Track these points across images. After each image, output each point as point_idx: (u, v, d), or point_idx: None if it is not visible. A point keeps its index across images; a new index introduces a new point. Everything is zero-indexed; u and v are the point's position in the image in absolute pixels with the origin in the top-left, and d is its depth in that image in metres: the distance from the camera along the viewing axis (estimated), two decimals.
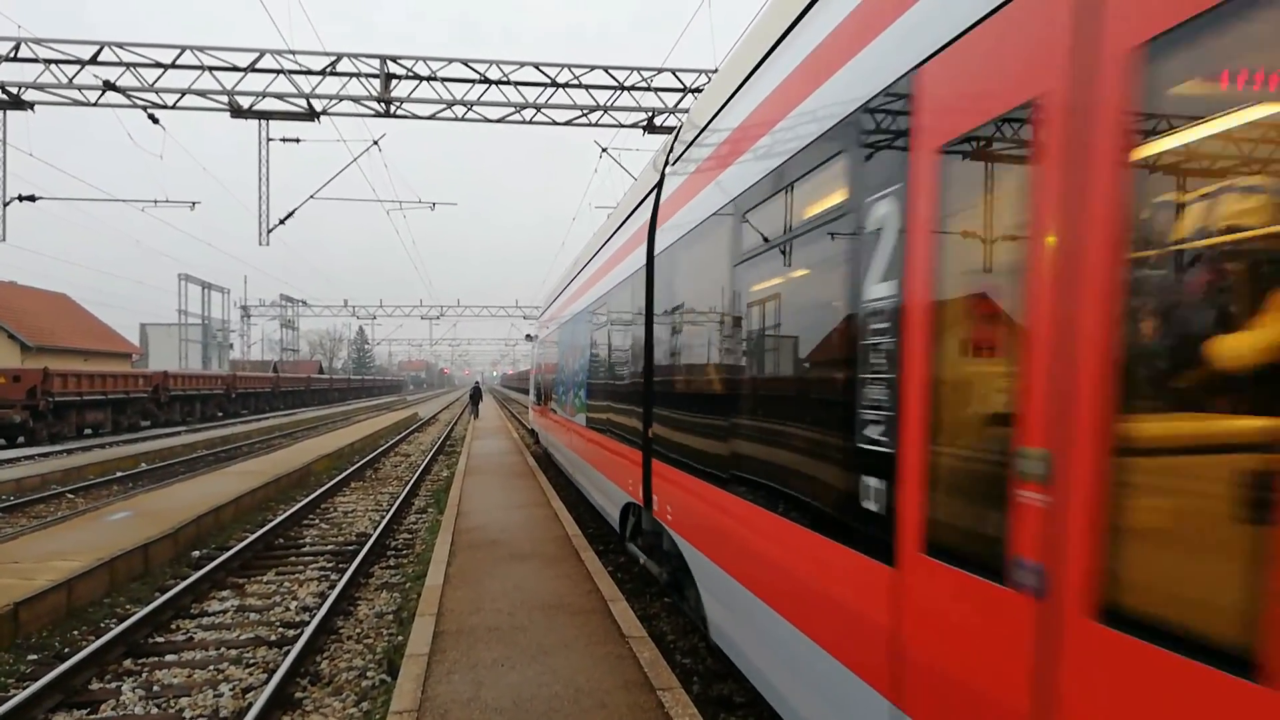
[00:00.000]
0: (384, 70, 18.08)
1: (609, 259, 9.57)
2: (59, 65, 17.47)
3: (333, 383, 76.49)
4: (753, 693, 4.80)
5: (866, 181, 2.90)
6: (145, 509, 12.30)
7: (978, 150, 2.35)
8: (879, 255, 2.78)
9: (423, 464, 20.55)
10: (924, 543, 2.50)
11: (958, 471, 2.40)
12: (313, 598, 8.82)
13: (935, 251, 2.46)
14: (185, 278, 60.43)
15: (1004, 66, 2.20)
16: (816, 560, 3.30)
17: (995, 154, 2.30)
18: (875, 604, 2.79)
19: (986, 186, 2.33)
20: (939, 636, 2.46)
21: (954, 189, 2.41)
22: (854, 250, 2.97)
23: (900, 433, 2.61)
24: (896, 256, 2.68)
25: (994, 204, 2.29)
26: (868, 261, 2.86)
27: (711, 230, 5.04)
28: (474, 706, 4.86)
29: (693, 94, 18.53)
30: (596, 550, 9.60)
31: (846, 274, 3.05)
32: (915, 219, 2.56)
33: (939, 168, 2.46)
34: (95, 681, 6.42)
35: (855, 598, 2.94)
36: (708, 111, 5.53)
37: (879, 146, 2.85)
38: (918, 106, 2.59)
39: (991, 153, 2.31)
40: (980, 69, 2.30)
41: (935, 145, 2.48)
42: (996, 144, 2.28)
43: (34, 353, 39.10)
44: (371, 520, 13.38)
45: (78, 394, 27.80)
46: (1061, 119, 1.96)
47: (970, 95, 2.33)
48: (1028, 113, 2.09)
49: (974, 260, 2.35)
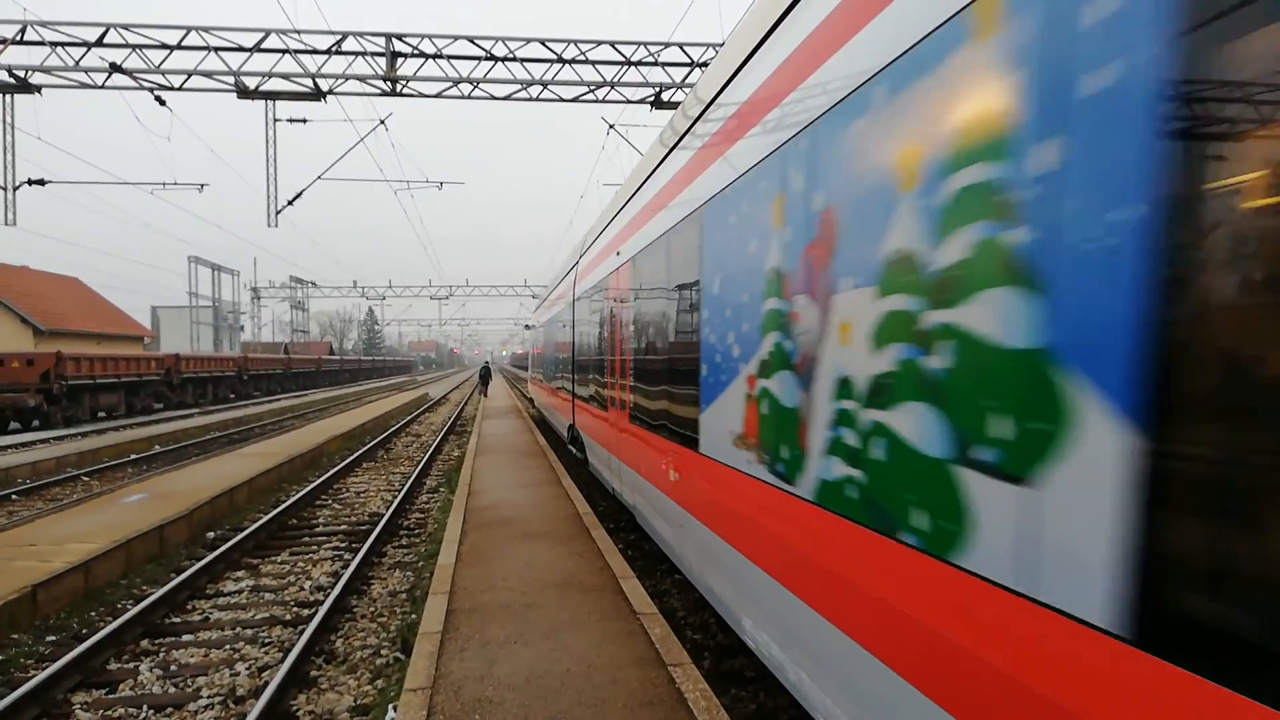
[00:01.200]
0: (389, 49, 17.96)
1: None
2: (65, 48, 17.43)
3: (343, 364, 76.77)
4: (763, 668, 4.81)
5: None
6: (160, 491, 12.41)
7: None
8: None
9: (434, 444, 20.64)
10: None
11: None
12: (326, 577, 8.89)
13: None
14: (195, 260, 60.55)
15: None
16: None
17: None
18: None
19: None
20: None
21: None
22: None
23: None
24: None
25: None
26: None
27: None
28: (487, 683, 4.90)
29: (700, 68, 18.34)
30: (607, 528, 9.63)
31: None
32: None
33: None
34: (113, 662, 6.50)
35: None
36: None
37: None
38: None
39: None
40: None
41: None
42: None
43: (46, 337, 39.35)
44: (384, 500, 13.46)
45: (91, 377, 27.98)
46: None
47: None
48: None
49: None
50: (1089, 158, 1.90)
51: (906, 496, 2.67)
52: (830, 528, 3.26)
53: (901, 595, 2.71)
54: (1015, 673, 2.14)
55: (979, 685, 2.30)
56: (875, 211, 2.87)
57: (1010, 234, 2.15)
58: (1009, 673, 2.17)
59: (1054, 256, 1.99)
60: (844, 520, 3.12)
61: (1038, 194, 2.05)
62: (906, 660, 2.69)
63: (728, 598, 4.90)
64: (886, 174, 2.79)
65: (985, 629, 2.28)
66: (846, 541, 3.12)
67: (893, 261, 2.70)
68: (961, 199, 2.36)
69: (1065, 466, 1.94)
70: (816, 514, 3.40)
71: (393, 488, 14.74)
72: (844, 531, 3.13)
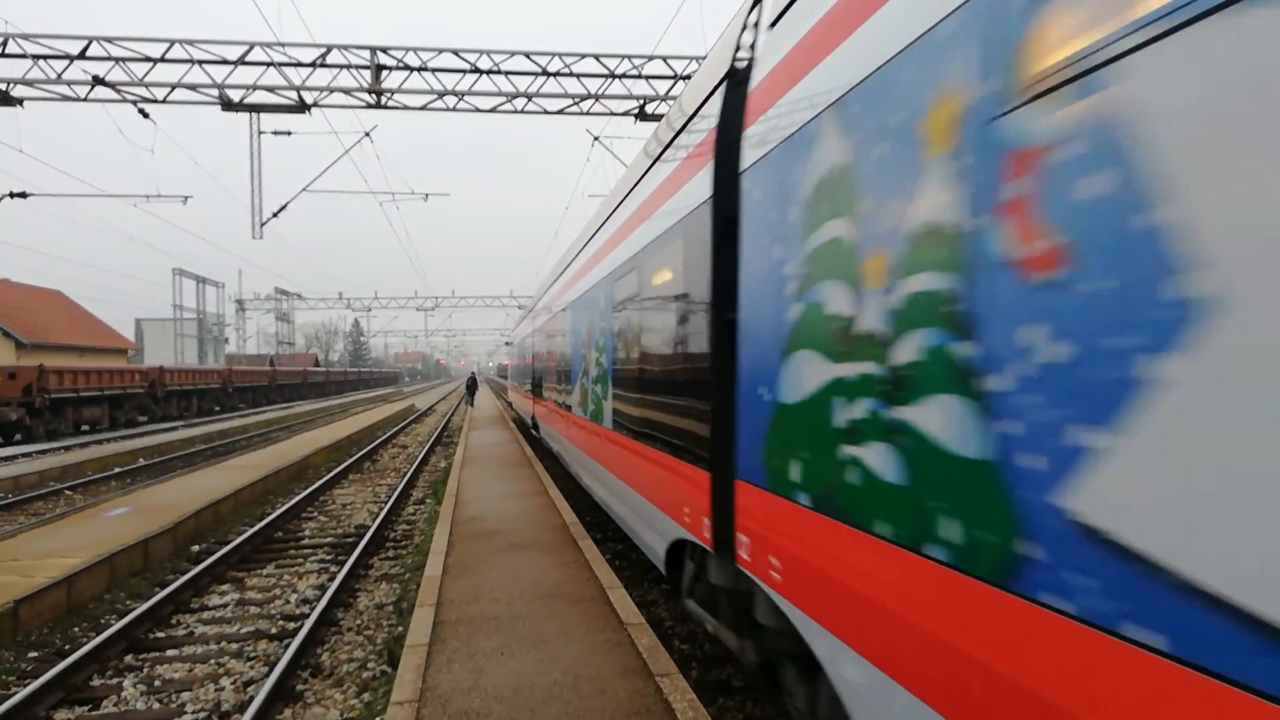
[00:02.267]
0: (374, 61, 17.98)
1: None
2: (47, 60, 17.35)
3: (329, 375, 76.35)
4: (751, 677, 4.83)
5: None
6: (144, 504, 12.31)
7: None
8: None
9: (420, 455, 20.58)
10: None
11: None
12: (312, 590, 8.85)
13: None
14: (179, 272, 60.13)
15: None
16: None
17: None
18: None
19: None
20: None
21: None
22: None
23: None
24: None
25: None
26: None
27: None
28: (474, 695, 4.90)
29: (683, 80, 18.47)
30: (594, 539, 9.63)
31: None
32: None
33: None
34: (96, 678, 6.44)
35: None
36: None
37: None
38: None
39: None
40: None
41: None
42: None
43: (30, 350, 39.01)
44: (370, 512, 13.41)
45: (74, 390, 27.75)
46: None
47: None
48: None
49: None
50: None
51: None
52: (606, 436, 8.36)
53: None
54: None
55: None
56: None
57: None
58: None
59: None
60: (601, 427, 8.60)
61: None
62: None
63: (582, 468, 10.70)
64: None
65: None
66: (609, 438, 8.11)
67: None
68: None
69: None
70: (609, 434, 8.09)
71: (379, 499, 14.69)
72: (606, 433, 8.31)
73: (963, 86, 2.18)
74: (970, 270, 2.13)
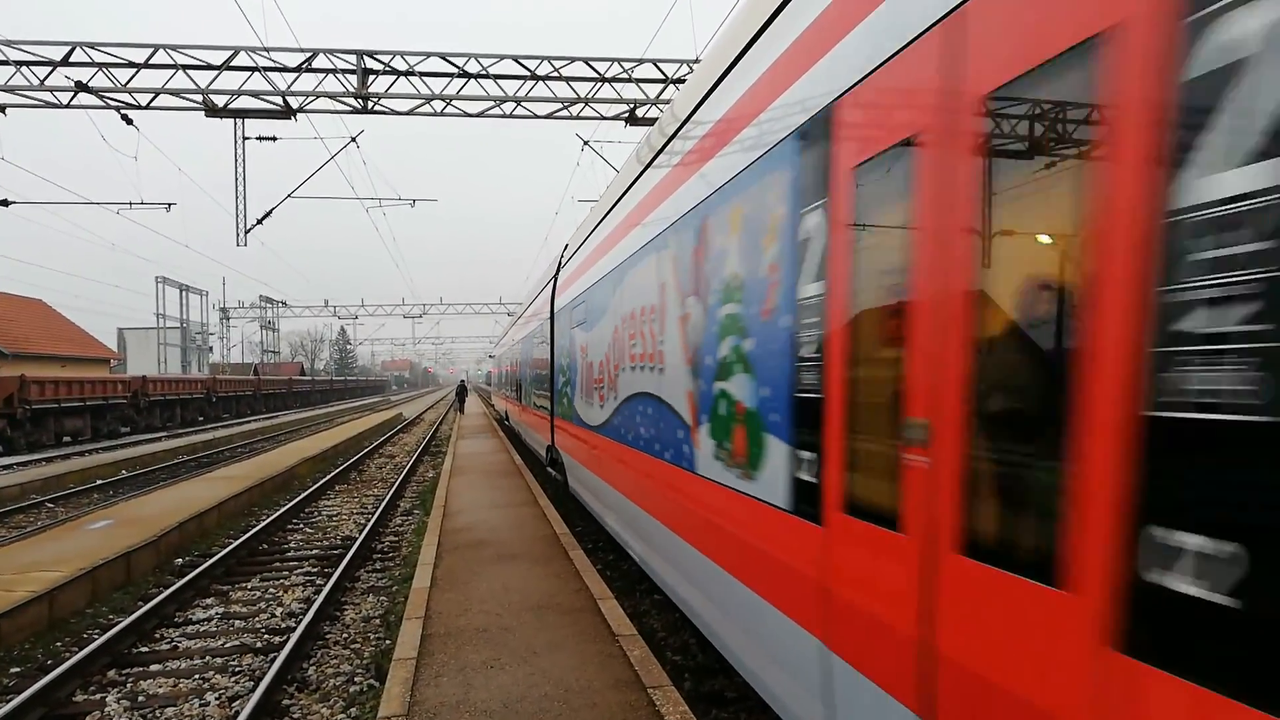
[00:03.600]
0: (360, 66, 17.87)
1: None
2: (30, 67, 17.17)
3: (315, 384, 75.80)
4: (744, 688, 4.78)
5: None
6: (127, 516, 12.15)
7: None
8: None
9: (408, 465, 20.45)
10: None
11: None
12: (298, 603, 8.74)
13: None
14: (163, 280, 59.73)
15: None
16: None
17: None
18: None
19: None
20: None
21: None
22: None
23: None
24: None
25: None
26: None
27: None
28: (463, 709, 4.82)
29: (675, 85, 18.47)
30: (585, 549, 9.56)
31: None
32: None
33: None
34: (79, 693, 6.33)
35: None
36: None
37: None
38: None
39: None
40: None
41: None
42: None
43: (10, 360, 38.47)
44: (357, 523, 13.29)
45: (56, 401, 27.43)
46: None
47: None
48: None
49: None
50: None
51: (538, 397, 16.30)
52: (523, 407, 19.04)
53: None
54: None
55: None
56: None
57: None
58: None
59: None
60: (521, 403, 19.69)
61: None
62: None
63: (516, 424, 21.80)
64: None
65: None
66: (524, 407, 19.00)
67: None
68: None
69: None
70: (524, 407, 18.29)
71: (366, 510, 14.56)
72: (523, 406, 19.12)
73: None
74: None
